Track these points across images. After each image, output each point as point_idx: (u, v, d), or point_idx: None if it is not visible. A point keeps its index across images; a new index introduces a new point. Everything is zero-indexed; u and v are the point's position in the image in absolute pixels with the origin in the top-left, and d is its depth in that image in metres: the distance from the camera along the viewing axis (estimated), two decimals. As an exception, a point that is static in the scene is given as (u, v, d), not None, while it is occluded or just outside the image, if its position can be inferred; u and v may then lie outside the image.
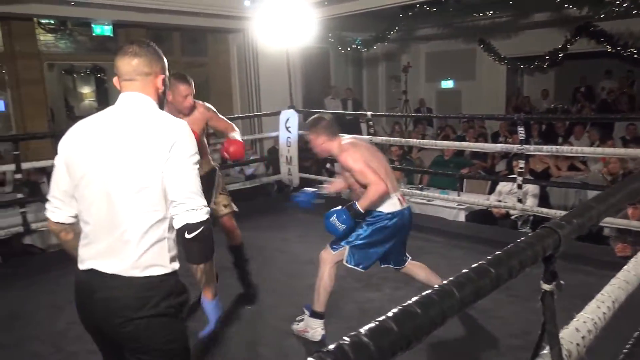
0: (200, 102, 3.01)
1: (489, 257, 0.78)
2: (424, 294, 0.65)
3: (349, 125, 9.78)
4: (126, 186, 1.41)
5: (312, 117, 2.84)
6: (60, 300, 3.39)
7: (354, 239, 2.64)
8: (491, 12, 8.41)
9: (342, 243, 2.65)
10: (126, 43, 1.56)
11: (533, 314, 2.74)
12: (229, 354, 2.68)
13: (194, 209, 1.41)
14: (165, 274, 1.45)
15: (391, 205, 2.63)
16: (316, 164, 6.67)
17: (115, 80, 1.55)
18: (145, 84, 1.51)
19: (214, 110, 3.06)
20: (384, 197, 2.57)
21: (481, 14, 8.48)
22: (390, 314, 0.60)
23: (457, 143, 5.50)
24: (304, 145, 5.52)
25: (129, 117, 1.48)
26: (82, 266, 1.49)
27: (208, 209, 1.46)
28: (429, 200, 5.10)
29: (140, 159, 1.41)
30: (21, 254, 4.76)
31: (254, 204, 6.23)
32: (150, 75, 1.52)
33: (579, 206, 1.15)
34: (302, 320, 2.81)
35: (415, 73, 11.45)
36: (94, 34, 7.06)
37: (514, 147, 4.57)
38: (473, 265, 0.75)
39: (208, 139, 3.25)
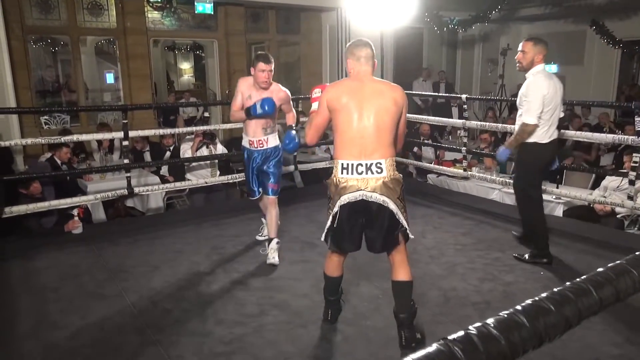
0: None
1: (628, 257, 0.69)
2: (557, 289, 0.58)
3: (440, 109, 9.45)
4: None
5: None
6: (155, 260, 3.66)
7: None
8: (609, -11, 7.60)
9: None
10: None
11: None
12: (311, 329, 2.73)
13: None
14: None
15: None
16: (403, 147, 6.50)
17: None
18: None
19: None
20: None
21: (597, -8, 7.70)
22: (519, 307, 0.54)
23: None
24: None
25: None
26: None
27: None
28: (523, 192, 4.79)
29: None
30: (124, 214, 5.19)
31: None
32: None
33: None
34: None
35: (514, 56, 10.69)
36: (196, 12, 7.37)
37: (629, 139, 4.13)
38: (610, 264, 0.66)
39: None
